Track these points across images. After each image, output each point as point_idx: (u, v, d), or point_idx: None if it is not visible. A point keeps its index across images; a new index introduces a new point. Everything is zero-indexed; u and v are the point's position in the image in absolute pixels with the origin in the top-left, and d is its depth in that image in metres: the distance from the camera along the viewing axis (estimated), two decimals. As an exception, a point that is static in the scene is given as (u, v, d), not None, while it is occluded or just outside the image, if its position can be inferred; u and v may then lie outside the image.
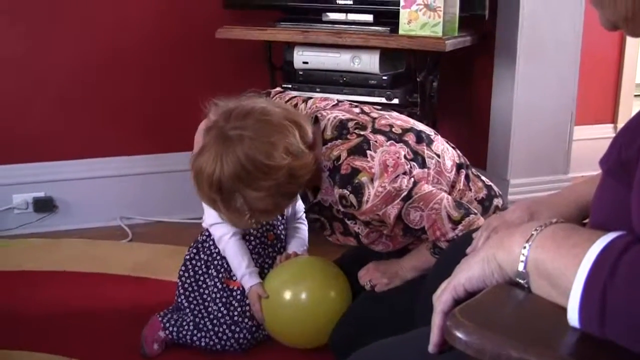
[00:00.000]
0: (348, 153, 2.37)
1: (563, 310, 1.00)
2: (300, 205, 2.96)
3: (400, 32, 3.38)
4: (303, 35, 3.53)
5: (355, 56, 3.49)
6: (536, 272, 1.07)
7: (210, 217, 2.77)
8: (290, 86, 3.61)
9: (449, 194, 2.47)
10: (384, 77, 3.48)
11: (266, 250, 2.88)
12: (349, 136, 2.43)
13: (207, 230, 2.85)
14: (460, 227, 2.34)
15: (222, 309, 2.76)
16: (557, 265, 1.03)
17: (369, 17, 3.57)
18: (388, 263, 2.62)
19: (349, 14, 3.62)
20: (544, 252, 1.06)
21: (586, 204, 1.62)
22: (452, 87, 4.05)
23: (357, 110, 2.58)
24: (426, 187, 2.38)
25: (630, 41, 4.80)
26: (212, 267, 2.82)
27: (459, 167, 2.58)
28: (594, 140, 4.67)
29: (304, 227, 3.00)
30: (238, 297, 2.77)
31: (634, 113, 1.45)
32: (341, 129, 2.47)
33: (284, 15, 3.79)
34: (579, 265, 0.99)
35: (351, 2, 3.59)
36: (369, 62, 3.48)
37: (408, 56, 3.63)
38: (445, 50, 3.31)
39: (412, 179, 2.37)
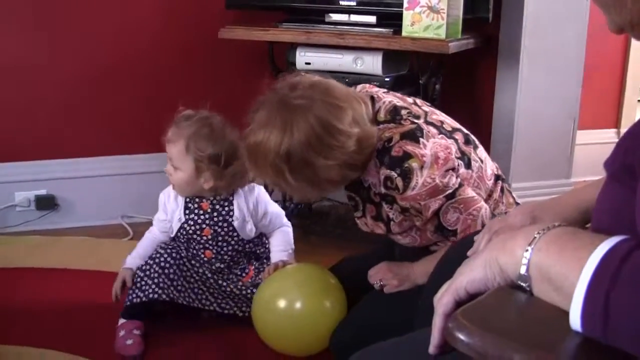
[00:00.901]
0: (401, 136, 2.36)
1: (565, 314, 1.00)
2: (274, 210, 3.02)
3: (404, 33, 3.38)
4: (306, 36, 3.52)
5: (358, 57, 3.48)
6: (538, 275, 1.07)
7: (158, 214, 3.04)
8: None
9: (485, 202, 2.47)
10: (387, 79, 3.48)
11: (195, 244, 2.98)
12: (402, 122, 2.43)
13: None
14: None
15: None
16: (559, 269, 1.03)
17: (372, 19, 3.56)
18: (400, 265, 2.61)
19: (351, 15, 3.61)
20: (547, 255, 1.06)
21: (589, 208, 1.62)
22: (455, 90, 4.05)
23: (410, 100, 2.58)
24: (469, 192, 2.39)
25: (634, 46, 4.80)
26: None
27: (497, 178, 2.58)
28: (596, 145, 4.67)
29: (285, 231, 3.05)
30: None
31: (637, 118, 1.45)
32: (395, 114, 2.47)
33: (287, 16, 3.79)
34: (581, 269, 0.98)
35: (354, 3, 3.58)
36: (371, 64, 3.48)
37: (411, 58, 3.63)
38: (449, 53, 3.30)
39: (459, 179, 2.37)
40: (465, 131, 2.56)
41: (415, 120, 2.43)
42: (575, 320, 0.99)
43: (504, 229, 1.76)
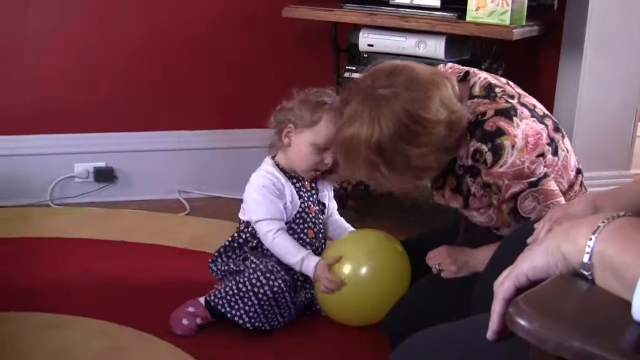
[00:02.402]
0: (495, 112, 2.36)
1: (627, 304, 0.99)
2: (333, 201, 3.03)
3: (468, 18, 3.36)
4: (370, 18, 3.52)
5: (421, 41, 3.47)
6: (601, 264, 1.06)
7: (258, 213, 2.82)
8: (354, 68, 3.60)
9: (565, 193, 2.45)
10: (449, 63, 3.46)
11: (302, 222, 2.90)
12: (497, 99, 2.43)
13: (244, 230, 2.91)
14: None
15: (255, 261, 2.79)
16: (623, 259, 1.02)
17: (436, 2, 3.54)
18: (460, 251, 2.61)
19: (415, -1, 3.60)
20: (611, 244, 1.05)
21: (652, 198, 1.61)
22: (516, 77, 3.98)
23: (503, 80, 2.58)
24: (552, 184, 2.38)
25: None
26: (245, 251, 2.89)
27: (578, 171, 2.57)
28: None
29: (343, 220, 3.06)
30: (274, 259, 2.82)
31: None
32: (489, 90, 2.47)
33: (351, -3, 3.78)
34: None
35: (419, -14, 3.57)
36: (434, 48, 3.46)
37: (474, 43, 3.61)
38: (512, 39, 3.28)
39: (545, 169, 2.36)
40: (554, 119, 2.55)
41: (510, 100, 2.43)
42: (637, 311, 0.98)
43: (565, 217, 1.75)
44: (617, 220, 1.08)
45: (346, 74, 3.65)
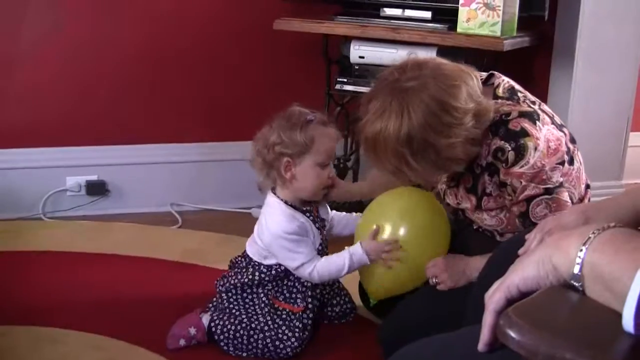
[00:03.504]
0: (519, 114, 2.37)
1: (618, 315, 0.99)
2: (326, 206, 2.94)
3: (458, 30, 3.37)
4: (361, 30, 3.52)
5: (412, 52, 3.47)
6: (592, 275, 1.06)
7: (297, 261, 2.67)
8: (345, 80, 3.61)
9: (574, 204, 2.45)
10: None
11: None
12: (520, 102, 2.44)
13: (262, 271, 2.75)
14: None
15: (269, 322, 2.70)
16: (613, 269, 1.02)
17: (427, 14, 3.55)
18: (457, 260, 2.60)
19: (406, 10, 3.60)
20: (601, 255, 1.05)
21: (643, 209, 1.61)
22: (508, 87, 4.03)
23: (523, 88, 2.58)
24: (566, 196, 2.38)
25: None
26: (261, 291, 2.77)
27: (587, 186, 2.59)
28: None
29: (341, 213, 3.00)
30: (283, 316, 2.71)
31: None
32: (512, 93, 2.48)
33: (341, 9, 3.79)
34: (636, 270, 0.97)
35: (410, -2, 3.59)
36: (425, 59, 3.47)
37: (465, 55, 3.61)
38: (503, 50, 3.29)
39: (561, 179, 2.37)
40: (569, 130, 2.56)
41: (532, 105, 2.44)
42: (627, 322, 0.98)
43: (557, 228, 1.75)
44: (608, 231, 1.09)
45: (337, 86, 3.66)
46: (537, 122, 2.36)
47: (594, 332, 1.02)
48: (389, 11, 3.64)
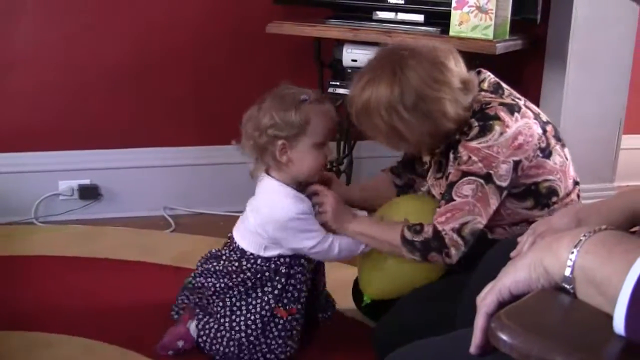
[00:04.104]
0: (499, 104, 2.44)
1: (609, 317, 1.00)
2: None
3: (451, 33, 3.37)
4: (353, 33, 3.52)
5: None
6: (583, 277, 1.06)
7: (312, 240, 2.57)
8: (338, 83, 3.61)
9: (562, 199, 2.52)
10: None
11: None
12: (503, 96, 2.51)
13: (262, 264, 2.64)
14: (456, 238, 2.39)
15: (260, 335, 2.63)
16: (604, 272, 1.02)
17: (419, 17, 3.55)
18: (346, 210, 2.66)
19: (399, 13, 3.60)
20: (592, 258, 1.06)
21: (635, 212, 1.62)
22: (500, 90, 4.03)
23: (516, 91, 2.64)
24: (495, 199, 2.41)
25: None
26: (260, 292, 2.64)
27: (576, 183, 2.62)
28: (641, 149, 4.63)
29: None
30: (280, 326, 2.63)
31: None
32: (497, 87, 2.55)
33: (334, 12, 3.78)
34: (627, 273, 0.98)
35: (402, 2, 3.57)
36: (418, 63, 3.46)
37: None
38: (496, 54, 3.29)
39: (507, 182, 2.40)
40: (557, 127, 2.60)
41: (516, 100, 2.51)
42: (619, 324, 0.98)
43: (549, 231, 1.75)
44: (599, 233, 1.09)
45: (330, 90, 3.66)
46: (515, 113, 2.42)
47: (585, 335, 1.02)
48: (381, 14, 3.64)
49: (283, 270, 2.61)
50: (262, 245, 2.61)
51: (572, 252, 1.08)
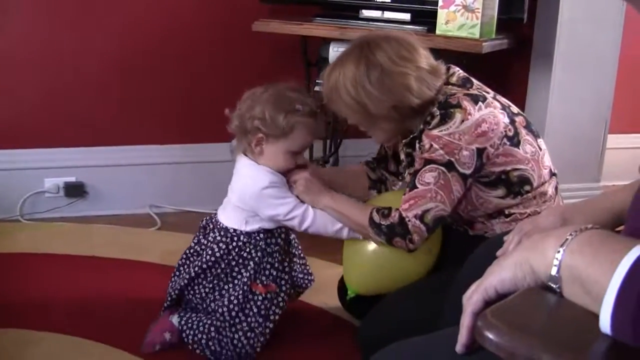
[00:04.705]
0: (464, 94, 2.48)
1: (595, 316, 1.00)
2: None
3: (437, 32, 3.37)
4: (340, 32, 3.52)
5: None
6: (569, 277, 1.06)
7: (285, 205, 2.64)
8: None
9: (536, 188, 2.54)
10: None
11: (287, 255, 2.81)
12: (470, 89, 2.54)
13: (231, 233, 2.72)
14: (418, 225, 2.42)
15: (239, 314, 2.65)
16: (591, 271, 1.03)
17: (406, 16, 3.56)
18: (318, 185, 2.70)
19: (385, 12, 3.60)
20: (579, 257, 1.06)
21: (620, 211, 1.62)
22: (487, 89, 4.04)
23: (502, 90, 2.71)
24: (457, 189, 2.44)
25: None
26: (242, 269, 2.69)
27: (553, 174, 2.64)
28: (627, 149, 4.64)
29: None
30: (259, 302, 2.66)
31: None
32: (466, 81, 2.59)
33: (320, 11, 3.78)
34: (613, 272, 0.98)
35: (389, 0, 3.58)
36: (404, 61, 3.47)
37: (444, 57, 3.61)
38: (482, 53, 3.29)
39: (470, 171, 2.43)
40: (529, 120, 2.63)
41: (483, 92, 2.54)
42: (605, 323, 0.98)
43: (535, 230, 1.75)
44: (585, 232, 1.09)
45: (317, 88, 3.65)
46: (479, 102, 2.45)
47: (571, 334, 1.02)
48: (368, 13, 3.64)
49: (261, 245, 2.68)
50: (244, 220, 2.69)
51: (559, 251, 1.08)
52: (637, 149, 4.73)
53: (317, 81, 3.63)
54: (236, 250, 2.69)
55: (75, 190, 4.07)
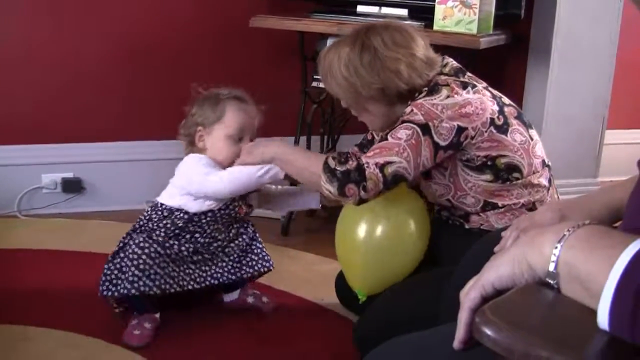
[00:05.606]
0: (454, 81, 2.53)
1: (593, 312, 0.99)
2: None
3: (435, 27, 3.37)
4: (337, 27, 3.51)
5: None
6: (567, 273, 1.06)
7: (209, 173, 2.78)
8: (321, 77, 3.61)
9: (527, 177, 2.56)
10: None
11: (230, 224, 2.91)
12: (462, 78, 2.57)
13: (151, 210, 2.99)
14: (376, 172, 2.40)
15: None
16: (589, 267, 1.02)
17: (403, 12, 3.56)
18: (266, 141, 2.79)
19: (383, 8, 3.61)
20: (576, 253, 1.05)
21: (618, 207, 1.62)
22: (484, 85, 4.04)
23: (499, 86, 2.74)
24: (428, 152, 2.44)
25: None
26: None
27: (545, 164, 2.66)
28: (624, 145, 4.64)
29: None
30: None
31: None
32: (458, 71, 2.62)
33: (317, 6, 3.78)
34: (611, 268, 0.98)
35: (386, -4, 3.59)
36: (401, 57, 3.47)
37: (441, 52, 3.61)
38: (480, 48, 3.29)
39: (447, 142, 2.44)
40: (520, 111, 2.67)
41: (475, 82, 2.58)
42: (603, 319, 0.98)
43: (532, 226, 1.76)
44: (583, 228, 1.09)
45: (314, 84, 3.66)
46: (468, 87, 2.50)
47: (569, 330, 1.02)
48: (365, 8, 3.64)
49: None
50: (173, 195, 2.94)
51: (556, 247, 1.07)
52: (635, 145, 4.73)
53: (314, 77, 3.63)
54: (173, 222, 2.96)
55: (72, 186, 4.07)
